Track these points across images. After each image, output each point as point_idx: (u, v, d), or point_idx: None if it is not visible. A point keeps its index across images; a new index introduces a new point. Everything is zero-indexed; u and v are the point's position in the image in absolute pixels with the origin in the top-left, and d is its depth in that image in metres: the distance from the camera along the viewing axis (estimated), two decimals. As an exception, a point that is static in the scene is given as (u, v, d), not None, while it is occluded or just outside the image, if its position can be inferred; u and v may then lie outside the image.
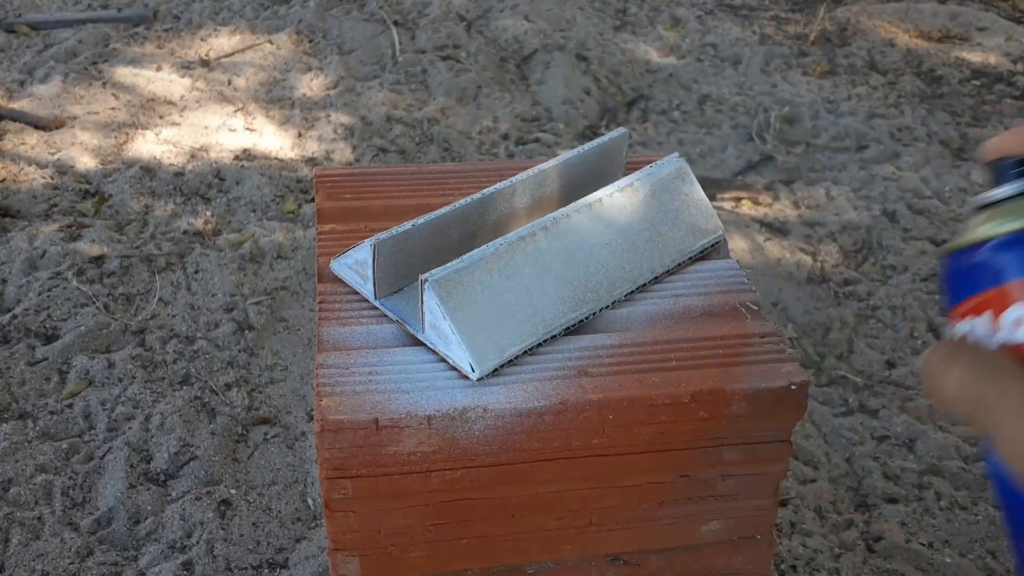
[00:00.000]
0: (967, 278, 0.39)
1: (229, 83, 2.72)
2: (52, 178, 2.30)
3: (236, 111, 2.59)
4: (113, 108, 2.57)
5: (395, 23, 3.01)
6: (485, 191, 0.88)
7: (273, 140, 2.48)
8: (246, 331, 1.90)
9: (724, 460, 0.81)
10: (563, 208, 0.85)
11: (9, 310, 1.91)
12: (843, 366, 1.89)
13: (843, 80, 2.91)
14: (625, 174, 0.97)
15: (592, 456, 0.79)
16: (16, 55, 2.81)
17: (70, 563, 1.45)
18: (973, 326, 0.39)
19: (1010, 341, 0.37)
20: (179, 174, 2.34)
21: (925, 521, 1.57)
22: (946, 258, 0.41)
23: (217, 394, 1.75)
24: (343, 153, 2.43)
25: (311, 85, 2.71)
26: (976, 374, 0.34)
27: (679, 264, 0.90)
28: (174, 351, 1.83)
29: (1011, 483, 0.39)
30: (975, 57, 3.07)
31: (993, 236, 0.39)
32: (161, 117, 2.55)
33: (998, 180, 0.41)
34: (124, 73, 2.73)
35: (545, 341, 0.80)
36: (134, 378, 1.76)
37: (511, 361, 0.78)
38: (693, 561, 0.88)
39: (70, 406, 1.71)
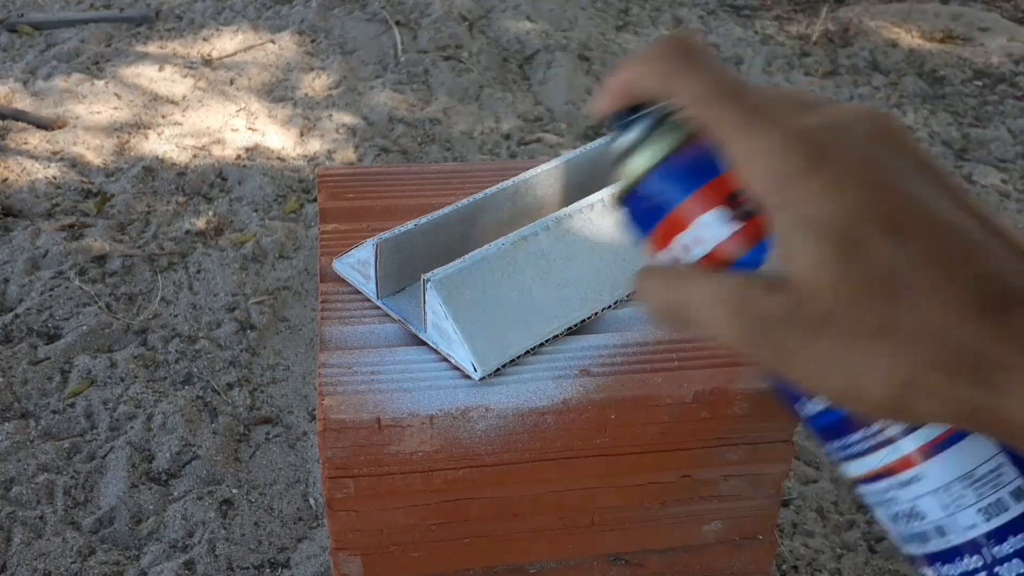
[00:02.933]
0: (640, 216, 0.43)
1: (231, 83, 2.72)
2: (54, 178, 2.30)
3: (238, 111, 2.59)
4: (115, 108, 2.58)
5: (397, 23, 3.01)
6: (487, 191, 0.88)
7: (275, 140, 2.48)
8: (248, 331, 1.90)
9: (726, 460, 0.81)
10: (565, 208, 0.85)
11: (11, 309, 1.91)
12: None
13: (845, 80, 2.91)
14: (627, 174, 0.96)
15: (594, 456, 0.79)
16: (18, 55, 2.81)
17: (72, 562, 1.45)
18: (659, 256, 0.42)
19: (688, 261, 0.40)
20: (181, 174, 2.34)
21: (927, 522, 1.57)
22: (619, 207, 0.45)
23: (219, 394, 1.75)
24: (345, 153, 2.44)
25: (313, 85, 2.71)
26: (672, 285, 0.38)
27: (681, 264, 0.90)
28: (176, 351, 1.83)
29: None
30: (977, 58, 3.07)
31: (640, 174, 0.42)
32: (163, 117, 2.55)
33: (621, 131, 0.44)
34: (126, 73, 2.73)
35: (547, 341, 0.80)
36: (136, 377, 1.76)
37: (513, 361, 0.78)
38: (695, 561, 0.88)
39: (72, 405, 1.71)
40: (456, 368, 0.77)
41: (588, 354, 0.80)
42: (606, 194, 0.87)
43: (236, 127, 2.52)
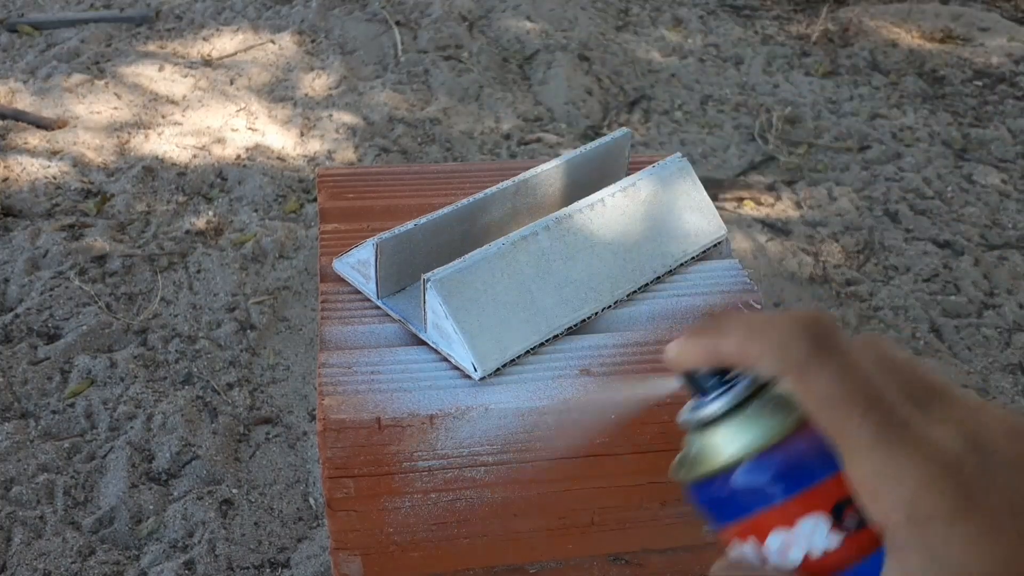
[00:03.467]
0: (721, 503, 0.38)
1: (231, 83, 2.72)
2: (54, 178, 2.30)
3: (238, 111, 2.59)
4: (115, 108, 2.58)
5: (397, 23, 3.01)
6: (487, 191, 0.88)
7: (275, 140, 2.48)
8: (248, 331, 1.90)
9: (726, 460, 0.81)
10: (565, 208, 0.85)
11: (11, 309, 1.91)
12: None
13: (845, 80, 2.91)
14: (627, 174, 0.97)
15: (594, 456, 0.78)
16: (19, 55, 2.81)
17: (72, 562, 1.45)
18: (743, 550, 0.38)
19: (783, 566, 0.36)
20: (181, 174, 2.34)
21: (927, 522, 1.57)
22: (691, 485, 0.39)
23: (219, 394, 1.75)
24: (345, 153, 2.43)
25: (313, 85, 2.71)
26: None
27: (681, 264, 0.90)
28: (176, 351, 1.83)
29: None
30: (977, 58, 3.07)
31: (731, 462, 0.37)
32: (163, 117, 2.55)
33: (701, 393, 0.39)
34: (126, 73, 2.73)
35: (547, 341, 0.80)
36: (136, 377, 1.76)
37: (513, 361, 0.78)
38: (694, 561, 0.88)
39: (72, 405, 1.71)
40: (456, 368, 0.77)
41: (588, 354, 0.80)
42: (606, 194, 0.87)
43: (236, 127, 2.52)
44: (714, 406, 0.38)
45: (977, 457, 0.31)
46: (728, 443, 0.37)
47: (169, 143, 2.45)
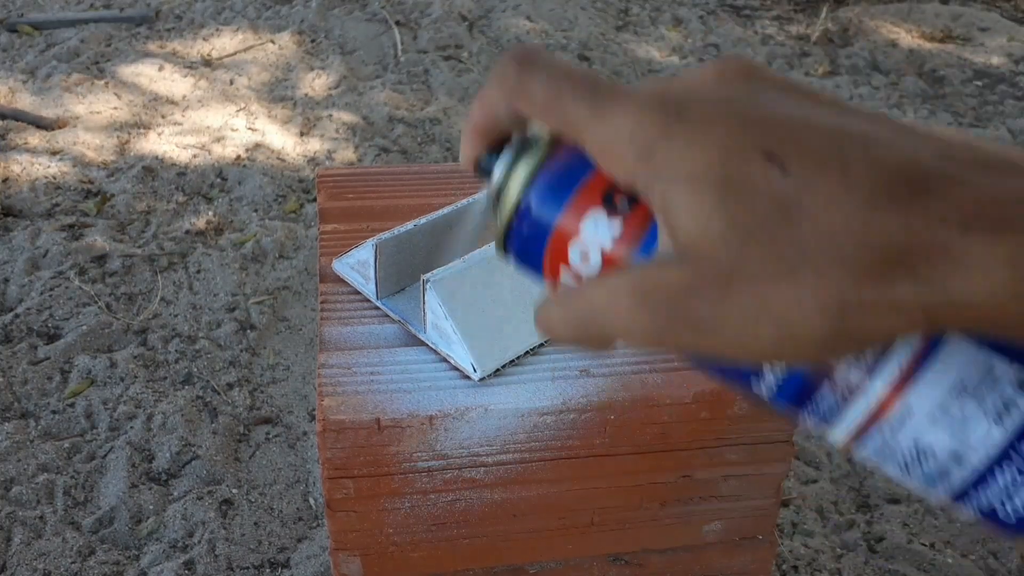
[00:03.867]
0: (527, 254, 0.40)
1: (231, 83, 2.72)
2: (54, 178, 2.30)
3: (238, 111, 2.59)
4: (115, 108, 2.58)
5: (397, 23, 3.01)
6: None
7: (275, 140, 2.48)
8: (248, 331, 1.90)
9: (726, 460, 0.81)
10: (565, 208, 0.85)
11: (11, 309, 1.91)
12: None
13: (845, 80, 2.90)
14: (627, 174, 0.97)
15: (594, 456, 0.79)
16: (18, 55, 2.81)
17: (72, 562, 1.45)
18: (563, 281, 0.39)
19: (592, 274, 0.37)
20: (181, 174, 2.34)
21: (927, 522, 1.57)
22: (504, 254, 0.41)
23: (219, 394, 1.75)
24: (345, 153, 2.44)
25: (313, 85, 2.71)
26: (570, 305, 0.35)
27: (681, 264, 0.90)
28: (176, 351, 1.83)
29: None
30: (977, 58, 3.07)
31: (511, 210, 0.39)
32: (163, 117, 2.55)
33: (487, 174, 0.41)
34: (126, 73, 2.73)
35: (547, 341, 0.80)
36: (136, 377, 1.77)
37: (513, 361, 0.78)
38: (695, 561, 0.88)
39: (72, 405, 1.71)
40: (455, 368, 0.77)
41: (588, 354, 0.80)
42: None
43: (236, 127, 2.52)
44: (492, 177, 0.40)
45: (683, 85, 0.33)
46: (505, 195, 0.39)
47: (169, 143, 2.45)
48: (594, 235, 0.36)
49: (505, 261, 0.41)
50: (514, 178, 0.39)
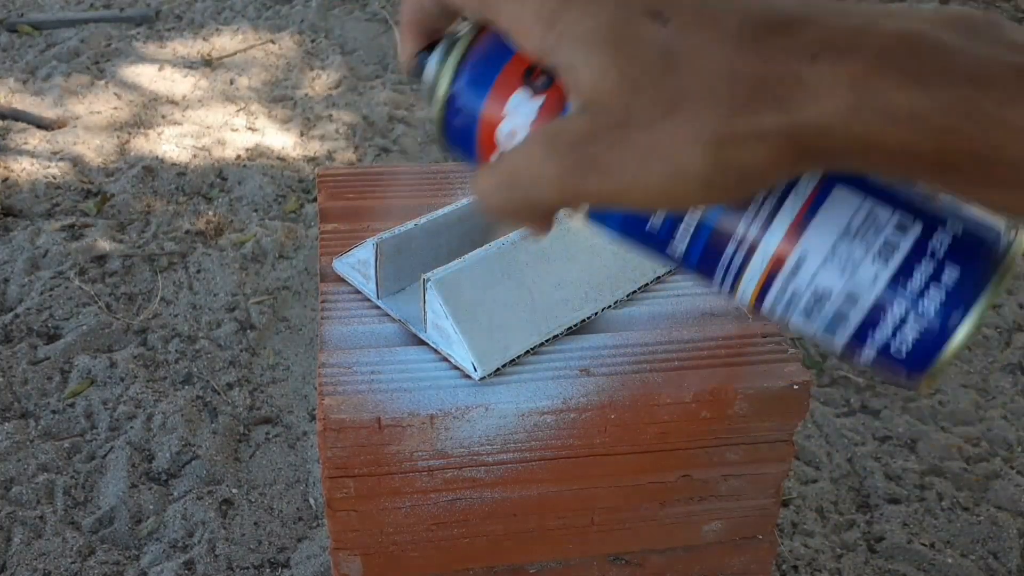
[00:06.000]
0: (461, 137, 0.43)
1: (231, 83, 2.72)
2: (54, 177, 2.30)
3: (238, 111, 2.59)
4: (115, 108, 2.58)
5: (397, 23, 3.01)
6: (487, 191, 0.88)
7: (275, 139, 2.48)
8: (248, 331, 1.90)
9: (726, 460, 0.82)
10: (565, 208, 0.85)
11: (11, 309, 1.91)
12: (845, 366, 1.89)
13: (845, 80, 2.91)
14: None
15: (594, 456, 0.79)
16: (18, 55, 2.81)
17: (72, 562, 1.45)
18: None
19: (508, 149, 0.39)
20: (181, 174, 2.34)
21: (927, 521, 1.57)
22: (442, 144, 0.45)
23: (219, 394, 1.75)
24: (345, 153, 2.44)
25: (313, 85, 2.71)
26: (496, 168, 0.38)
27: (681, 264, 0.90)
28: (176, 351, 1.84)
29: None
30: (977, 58, 3.07)
31: (444, 93, 0.42)
32: (163, 117, 2.55)
33: (422, 69, 0.44)
34: (126, 73, 2.73)
35: (547, 341, 0.80)
36: (136, 377, 1.77)
37: (513, 361, 0.78)
38: (694, 561, 0.88)
39: (72, 405, 1.72)
40: (456, 368, 0.77)
41: (588, 354, 0.80)
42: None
43: (236, 127, 2.52)
44: (427, 71, 0.42)
45: None
46: (437, 93, 0.42)
47: (169, 143, 2.45)
48: (517, 115, 0.39)
49: (444, 151, 0.44)
50: (443, 73, 0.41)
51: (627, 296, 0.86)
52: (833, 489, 1.62)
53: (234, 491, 1.58)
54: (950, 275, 0.35)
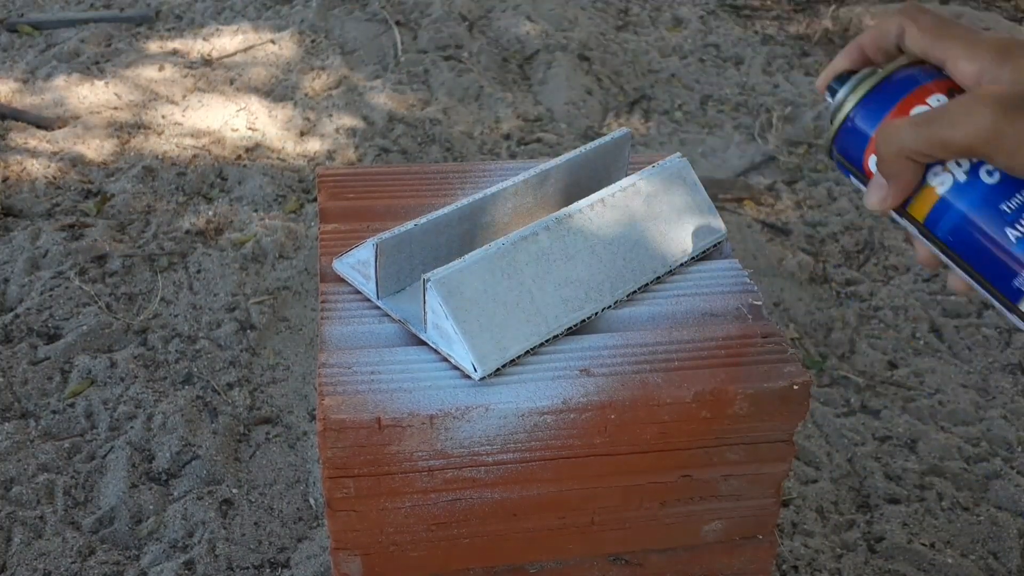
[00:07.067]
0: (851, 147, 0.56)
1: (231, 83, 2.72)
2: (54, 177, 2.30)
3: (238, 111, 2.59)
4: (115, 108, 2.58)
5: (397, 23, 3.01)
6: (487, 191, 0.88)
7: (275, 140, 2.48)
8: (248, 331, 1.90)
9: (726, 460, 0.82)
10: (565, 208, 0.85)
11: (11, 309, 1.91)
12: (845, 366, 1.89)
13: (845, 80, 2.90)
14: (627, 174, 0.97)
15: (594, 456, 0.79)
16: (19, 55, 2.81)
17: (72, 562, 1.45)
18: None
19: None
20: (181, 173, 2.34)
21: (927, 522, 1.57)
22: (831, 146, 0.58)
23: (219, 394, 1.75)
24: (345, 153, 2.44)
25: (313, 85, 2.71)
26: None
27: (681, 264, 0.90)
28: (176, 351, 1.84)
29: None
30: (977, 57, 3.06)
31: (851, 109, 0.56)
32: (163, 117, 2.55)
33: (832, 95, 0.59)
34: (126, 73, 2.73)
35: (547, 341, 0.80)
36: (136, 377, 1.77)
37: (513, 361, 0.78)
38: (694, 561, 0.88)
39: (72, 405, 1.72)
40: (456, 368, 0.77)
41: (588, 354, 0.80)
42: (606, 194, 0.87)
43: (236, 127, 2.52)
44: (838, 102, 0.57)
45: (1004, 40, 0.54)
46: (839, 112, 0.56)
47: (169, 143, 2.45)
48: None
49: (831, 162, 0.59)
50: (850, 98, 0.55)
51: (627, 296, 0.86)
52: (833, 489, 1.62)
53: (234, 491, 1.58)
54: None
